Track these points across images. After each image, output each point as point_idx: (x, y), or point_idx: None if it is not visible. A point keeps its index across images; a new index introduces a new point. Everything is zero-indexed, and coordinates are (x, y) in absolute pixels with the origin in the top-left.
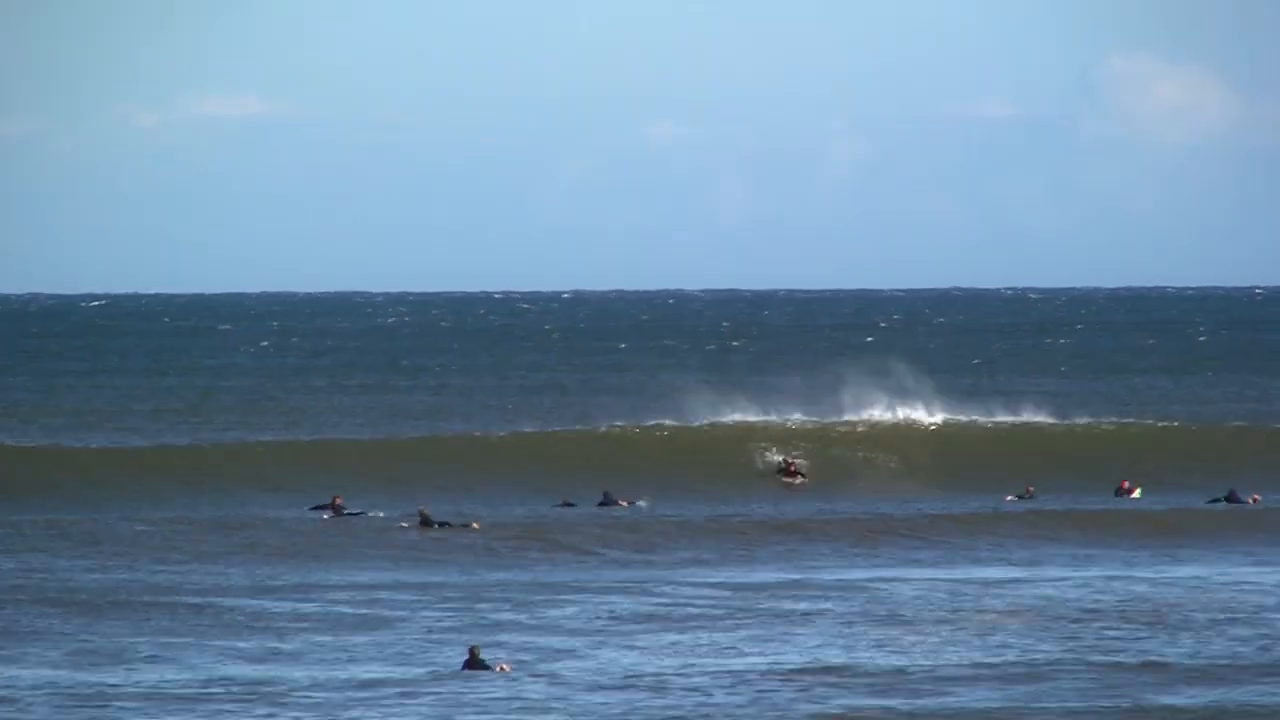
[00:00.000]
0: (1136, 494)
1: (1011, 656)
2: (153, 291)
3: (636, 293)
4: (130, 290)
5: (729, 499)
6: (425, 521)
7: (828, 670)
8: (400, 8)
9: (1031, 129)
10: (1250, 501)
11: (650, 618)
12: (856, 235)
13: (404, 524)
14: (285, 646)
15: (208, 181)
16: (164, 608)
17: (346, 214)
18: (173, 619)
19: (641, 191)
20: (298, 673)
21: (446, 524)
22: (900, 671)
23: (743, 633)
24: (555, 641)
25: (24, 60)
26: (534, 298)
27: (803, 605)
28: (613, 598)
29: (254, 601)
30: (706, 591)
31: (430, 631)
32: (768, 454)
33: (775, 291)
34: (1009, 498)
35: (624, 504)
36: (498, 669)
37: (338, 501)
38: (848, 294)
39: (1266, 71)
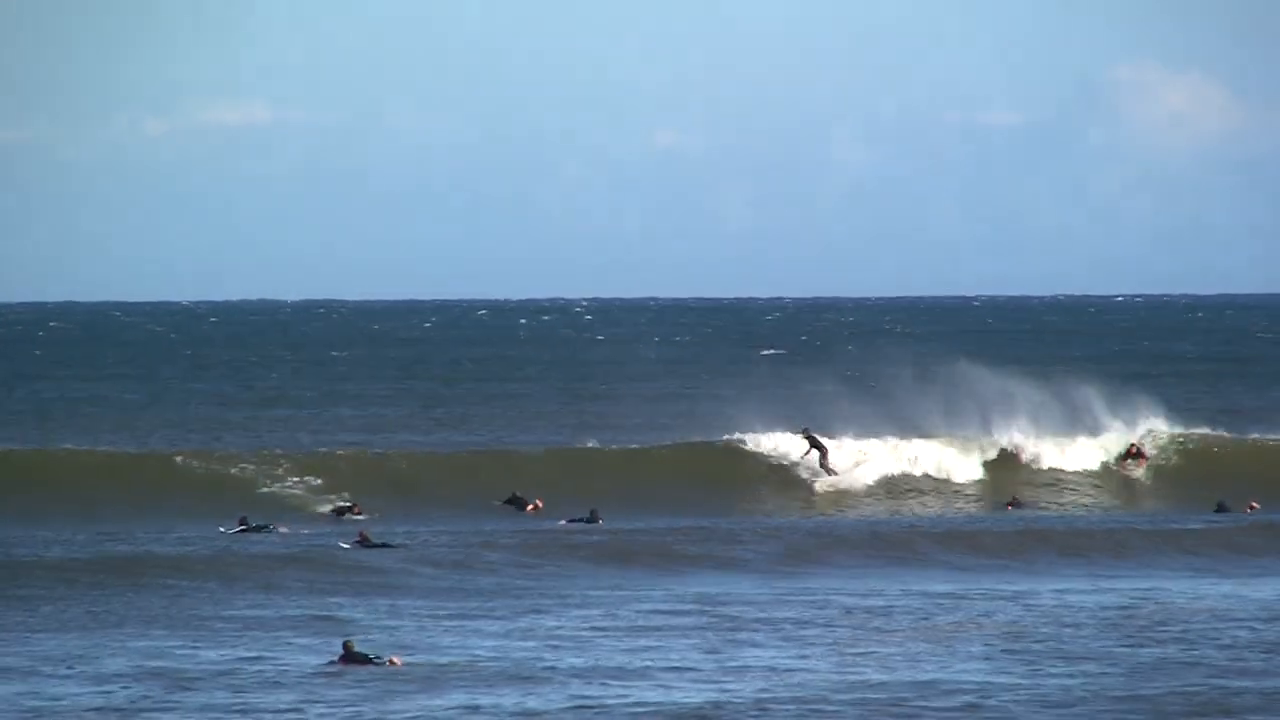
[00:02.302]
0: (1138, 456)
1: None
2: (153, 299)
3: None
4: (132, 299)
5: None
6: (366, 543)
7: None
8: (406, 14)
9: (1035, 136)
10: (1247, 509)
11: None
12: (862, 243)
13: (344, 544)
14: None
15: (214, 188)
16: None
17: (351, 220)
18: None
19: (646, 198)
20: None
21: (385, 545)
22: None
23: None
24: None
25: (28, 67)
26: (527, 305)
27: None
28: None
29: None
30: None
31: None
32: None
33: (756, 299)
34: (1009, 507)
35: (600, 522)
36: (389, 663)
37: (356, 510)
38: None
39: (1270, 78)
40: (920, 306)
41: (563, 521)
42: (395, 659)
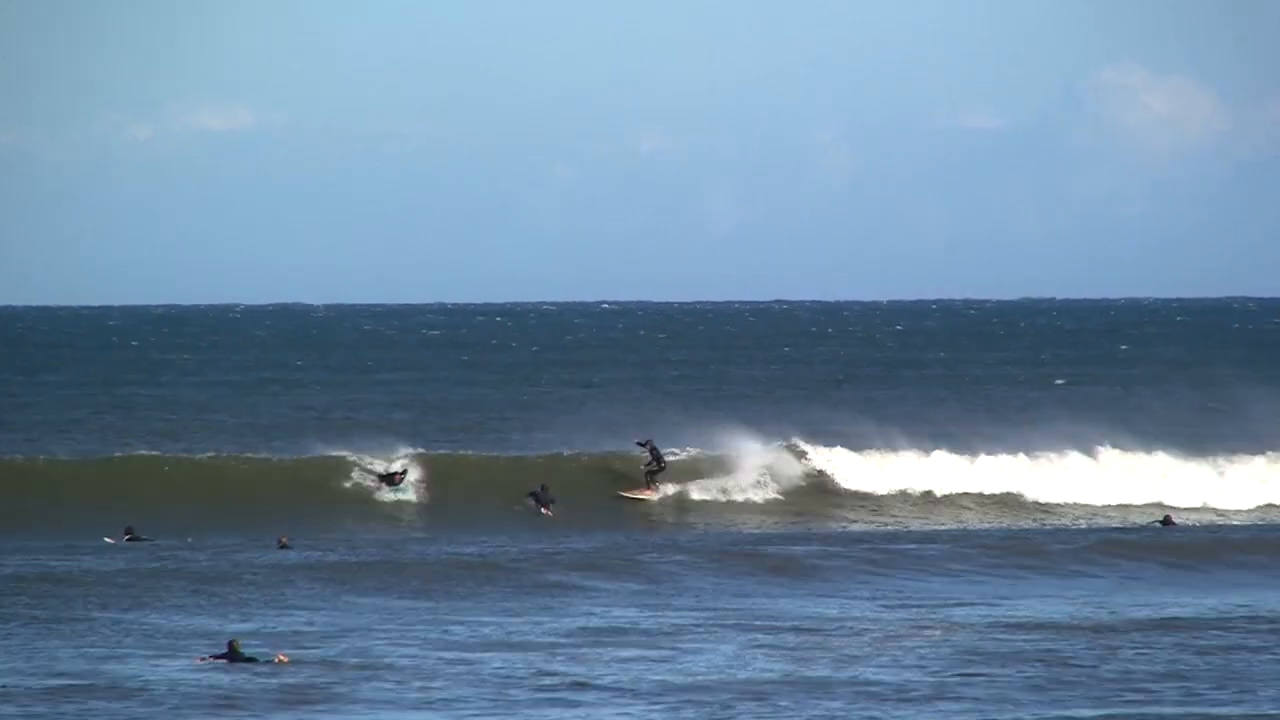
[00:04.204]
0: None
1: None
2: (146, 303)
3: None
4: (122, 302)
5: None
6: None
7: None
8: (391, 19)
9: (1019, 140)
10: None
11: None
12: (845, 245)
13: (109, 539)
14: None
15: (198, 192)
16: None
17: (334, 226)
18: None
19: (629, 201)
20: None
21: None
22: None
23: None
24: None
25: (12, 70)
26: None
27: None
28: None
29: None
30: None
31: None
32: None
33: (728, 303)
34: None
35: (548, 511)
36: (276, 660)
37: (398, 478)
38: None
39: (1253, 81)
40: (901, 310)
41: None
42: (282, 656)
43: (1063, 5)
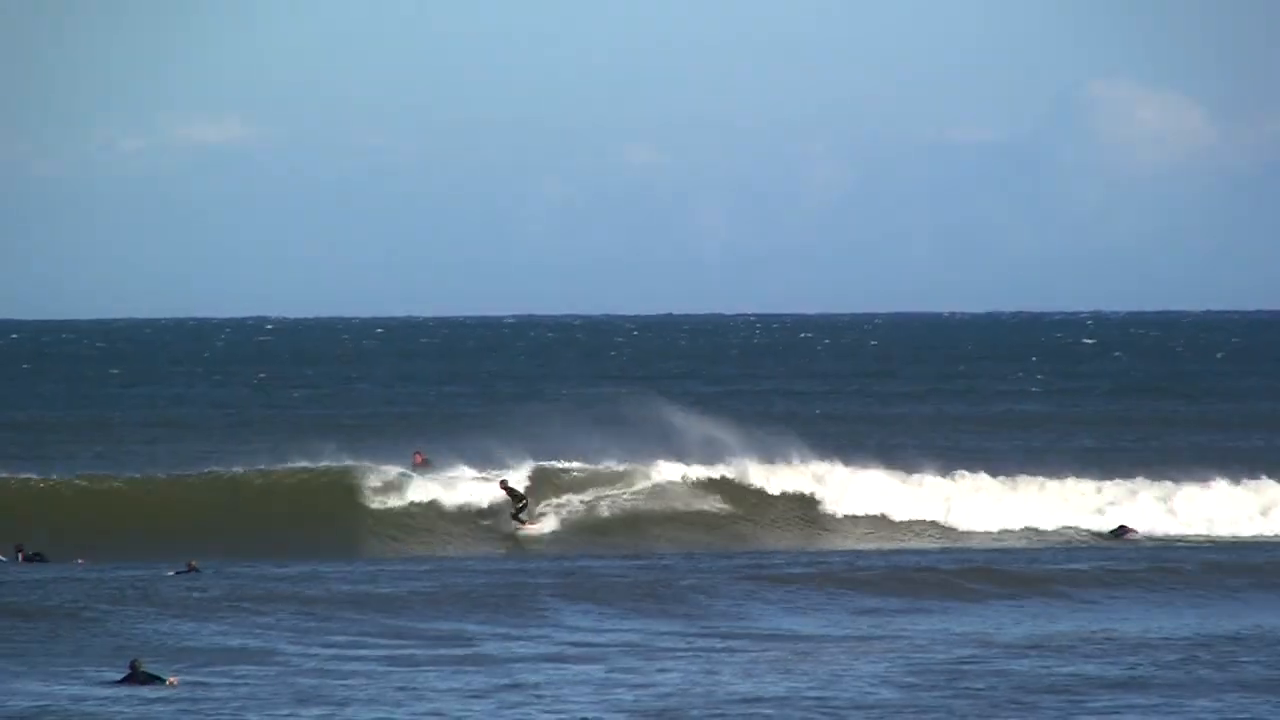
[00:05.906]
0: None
1: None
2: (138, 316)
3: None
4: (112, 316)
5: None
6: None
7: None
8: (383, 32)
9: (1011, 154)
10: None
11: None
12: (836, 260)
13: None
14: None
15: (189, 206)
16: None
17: (327, 239)
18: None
19: (620, 217)
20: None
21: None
22: None
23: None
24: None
25: (2, 83)
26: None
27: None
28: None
29: None
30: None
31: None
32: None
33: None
34: None
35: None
36: (168, 683)
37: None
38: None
39: (1245, 95)
40: (892, 323)
41: None
42: (173, 679)
43: (1054, 19)
